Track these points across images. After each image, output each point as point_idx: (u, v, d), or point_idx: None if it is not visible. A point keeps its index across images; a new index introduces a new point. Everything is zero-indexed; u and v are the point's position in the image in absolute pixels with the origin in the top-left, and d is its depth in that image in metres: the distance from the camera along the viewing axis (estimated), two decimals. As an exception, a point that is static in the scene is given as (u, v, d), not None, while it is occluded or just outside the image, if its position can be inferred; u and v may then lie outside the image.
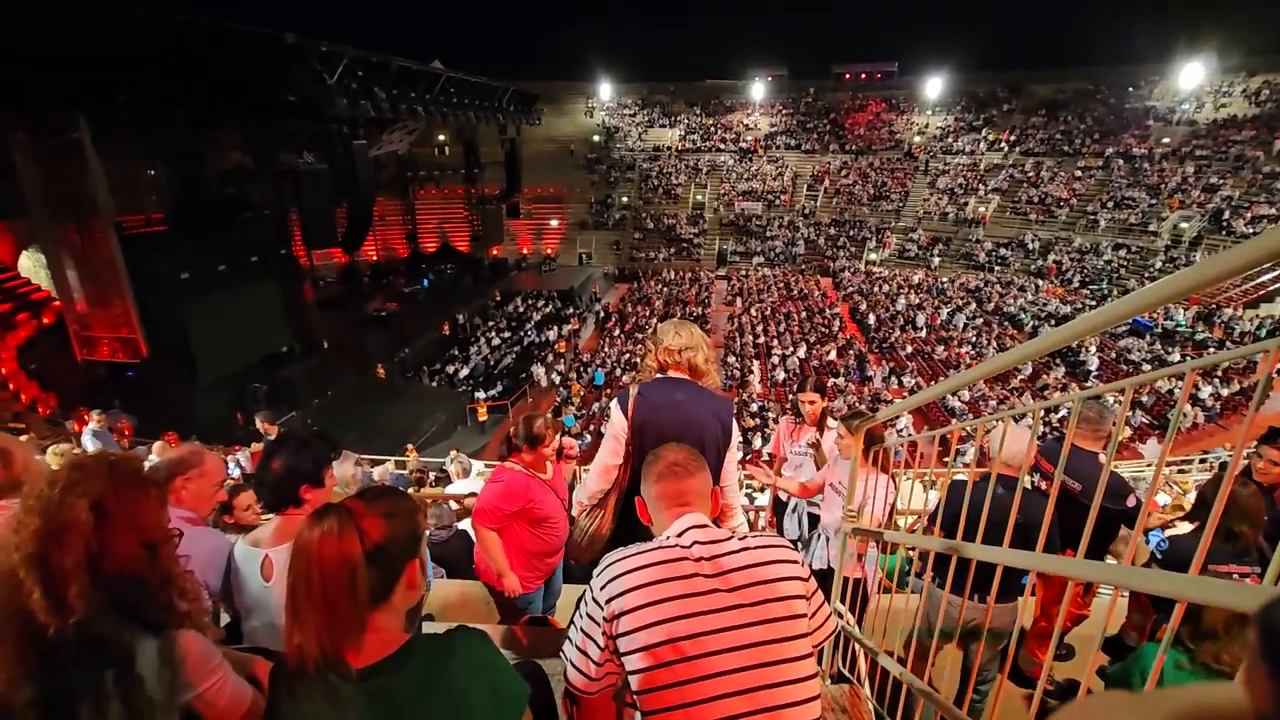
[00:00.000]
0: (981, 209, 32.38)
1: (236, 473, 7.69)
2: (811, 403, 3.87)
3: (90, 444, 7.58)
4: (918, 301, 25.49)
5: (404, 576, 1.13)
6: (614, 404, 2.22)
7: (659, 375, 2.28)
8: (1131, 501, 2.86)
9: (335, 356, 18.81)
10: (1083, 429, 3.04)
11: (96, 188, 12.87)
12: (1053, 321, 21.71)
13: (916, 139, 38.58)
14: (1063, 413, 14.12)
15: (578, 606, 1.41)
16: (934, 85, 41.14)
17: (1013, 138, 35.85)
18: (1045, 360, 18.38)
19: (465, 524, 4.75)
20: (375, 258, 30.55)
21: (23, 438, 6.87)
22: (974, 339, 21.38)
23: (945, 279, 28.67)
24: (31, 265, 18.90)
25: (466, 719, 1.07)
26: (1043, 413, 2.78)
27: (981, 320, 23.08)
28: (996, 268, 29.16)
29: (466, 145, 28.47)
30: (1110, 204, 29.35)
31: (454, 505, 5.42)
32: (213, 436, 11.62)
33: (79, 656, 1.05)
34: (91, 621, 1.07)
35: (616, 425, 2.19)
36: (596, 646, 1.32)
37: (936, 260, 30.87)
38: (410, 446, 11.87)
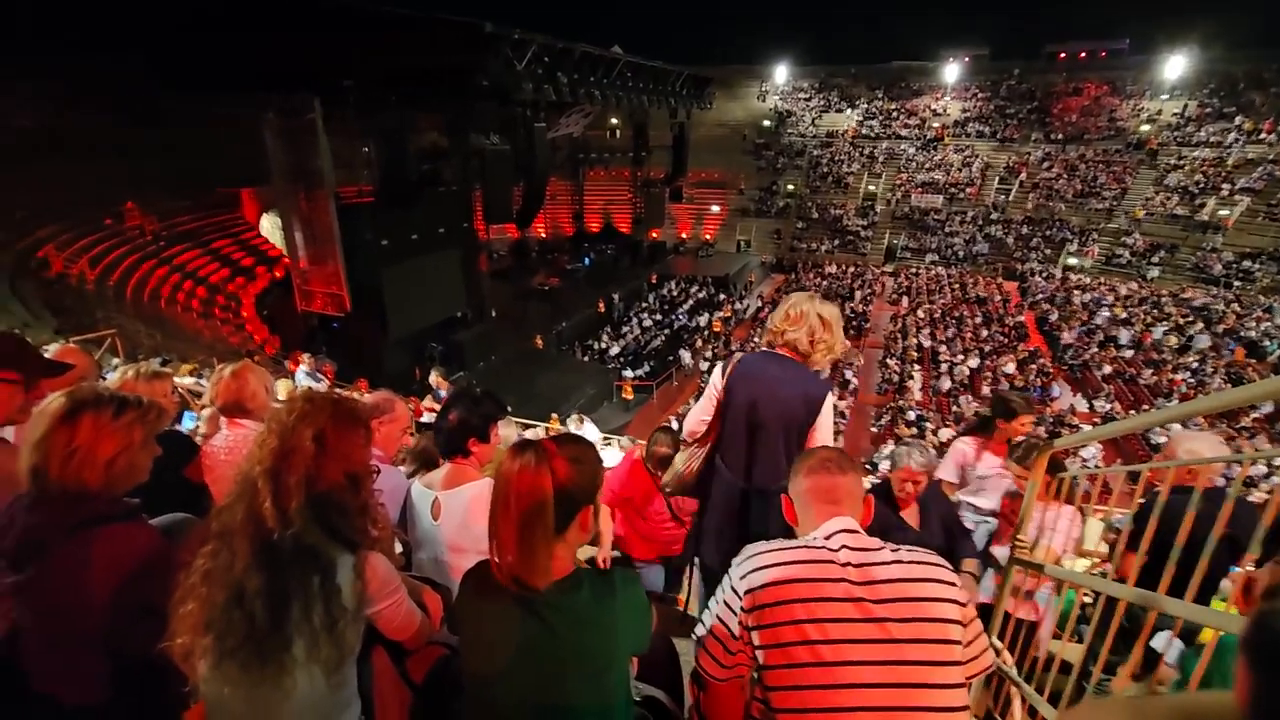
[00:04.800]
0: (1224, 212, 27.07)
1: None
2: (1021, 425, 3.42)
3: (302, 382, 8.84)
4: (1124, 315, 22.07)
5: (579, 517, 1.26)
6: (719, 366, 2.40)
7: (763, 349, 2.37)
8: None
9: (501, 324, 20.31)
10: None
11: (323, 162, 14.95)
12: (1309, 354, 17.78)
13: (1145, 127, 33.06)
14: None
15: (714, 592, 1.41)
16: (1175, 65, 34.86)
17: (1278, 127, 29.53)
18: (1292, 400, 15.12)
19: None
20: (543, 234, 32.41)
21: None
22: (1195, 365, 18.13)
23: (1164, 292, 24.47)
24: (270, 226, 22.49)
25: (620, 640, 1.25)
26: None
27: (1208, 344, 19.49)
28: (1236, 283, 24.34)
29: (637, 128, 29.08)
30: None
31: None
32: (394, 387, 13.07)
33: (295, 560, 1.22)
34: (305, 533, 1.23)
35: (713, 384, 2.38)
36: (731, 635, 1.32)
37: (1155, 270, 26.40)
38: (555, 416, 12.50)
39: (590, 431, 8.28)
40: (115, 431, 1.41)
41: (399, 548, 2.30)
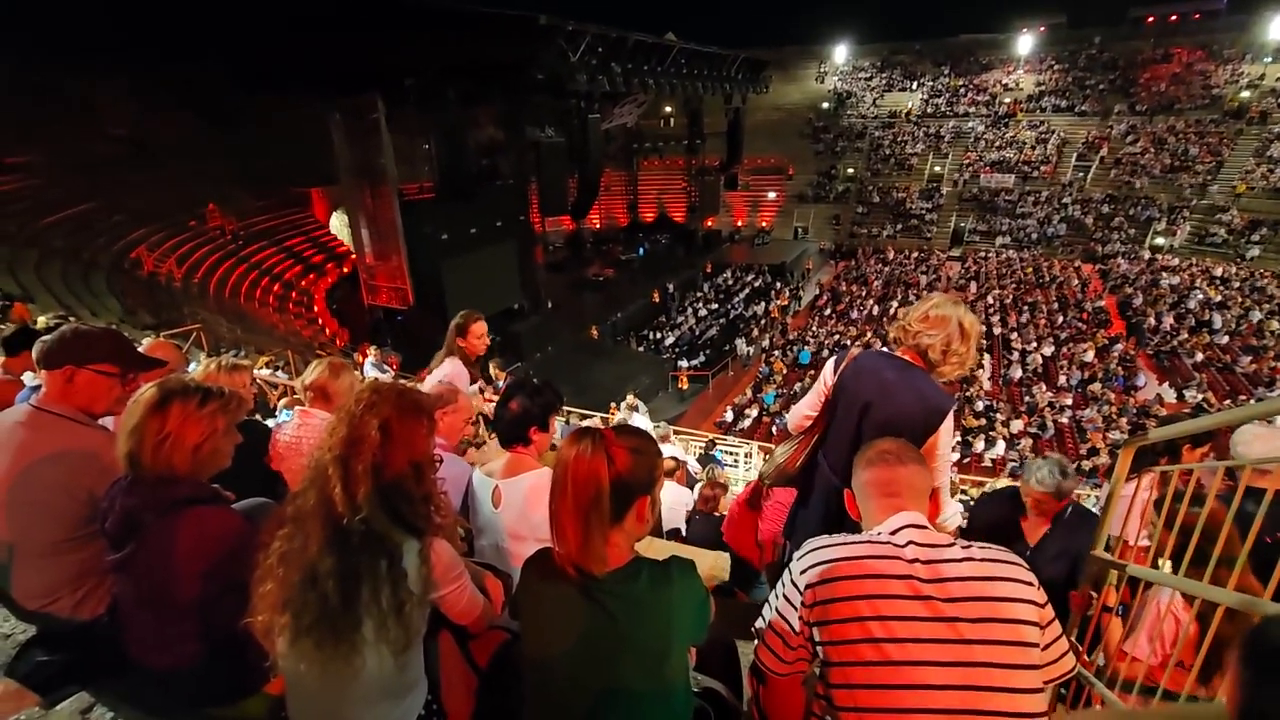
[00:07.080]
0: (1336, 185, 24.69)
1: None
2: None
3: (370, 374, 9.20)
4: (1219, 299, 20.45)
5: (635, 507, 1.26)
6: (832, 359, 2.27)
7: (884, 349, 2.24)
8: None
9: (556, 315, 20.57)
10: None
11: (387, 160, 15.46)
12: None
13: (1245, 94, 30.28)
14: None
15: (775, 586, 1.39)
16: (1280, 25, 31.68)
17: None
18: None
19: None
20: (598, 225, 32.57)
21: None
22: (1301, 353, 16.66)
23: (1265, 273, 22.50)
24: (338, 224, 23.43)
25: (677, 628, 1.25)
26: None
27: (1317, 329, 17.83)
28: (1350, 263, 22.16)
29: (691, 116, 28.70)
30: None
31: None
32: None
33: (364, 544, 1.26)
34: (373, 519, 1.28)
35: (823, 378, 2.26)
36: (792, 630, 1.31)
37: (1255, 250, 24.25)
38: (614, 406, 12.60)
39: (640, 419, 8.32)
40: (201, 419, 1.50)
41: (461, 534, 2.37)
